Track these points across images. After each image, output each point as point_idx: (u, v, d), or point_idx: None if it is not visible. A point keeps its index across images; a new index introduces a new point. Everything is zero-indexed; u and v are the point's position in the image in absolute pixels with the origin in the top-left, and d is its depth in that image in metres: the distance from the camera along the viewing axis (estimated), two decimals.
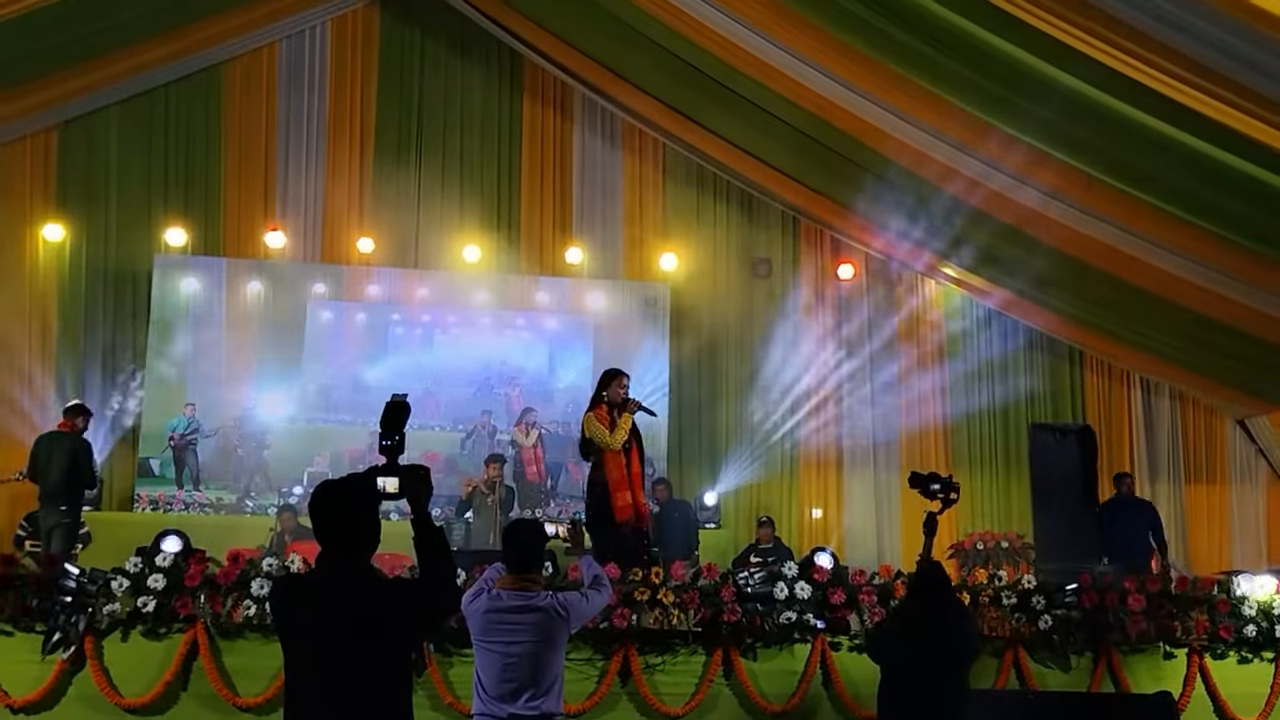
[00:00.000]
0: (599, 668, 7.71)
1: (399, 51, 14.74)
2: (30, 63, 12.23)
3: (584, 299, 15.00)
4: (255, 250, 14.25)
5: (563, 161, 15.01)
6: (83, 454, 10.58)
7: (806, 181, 13.84)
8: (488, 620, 5.08)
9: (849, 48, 10.32)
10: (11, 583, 7.03)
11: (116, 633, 7.20)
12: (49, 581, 7.05)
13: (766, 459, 14.81)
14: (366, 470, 3.99)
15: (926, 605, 5.86)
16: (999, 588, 8.17)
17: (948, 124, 10.76)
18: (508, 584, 5.18)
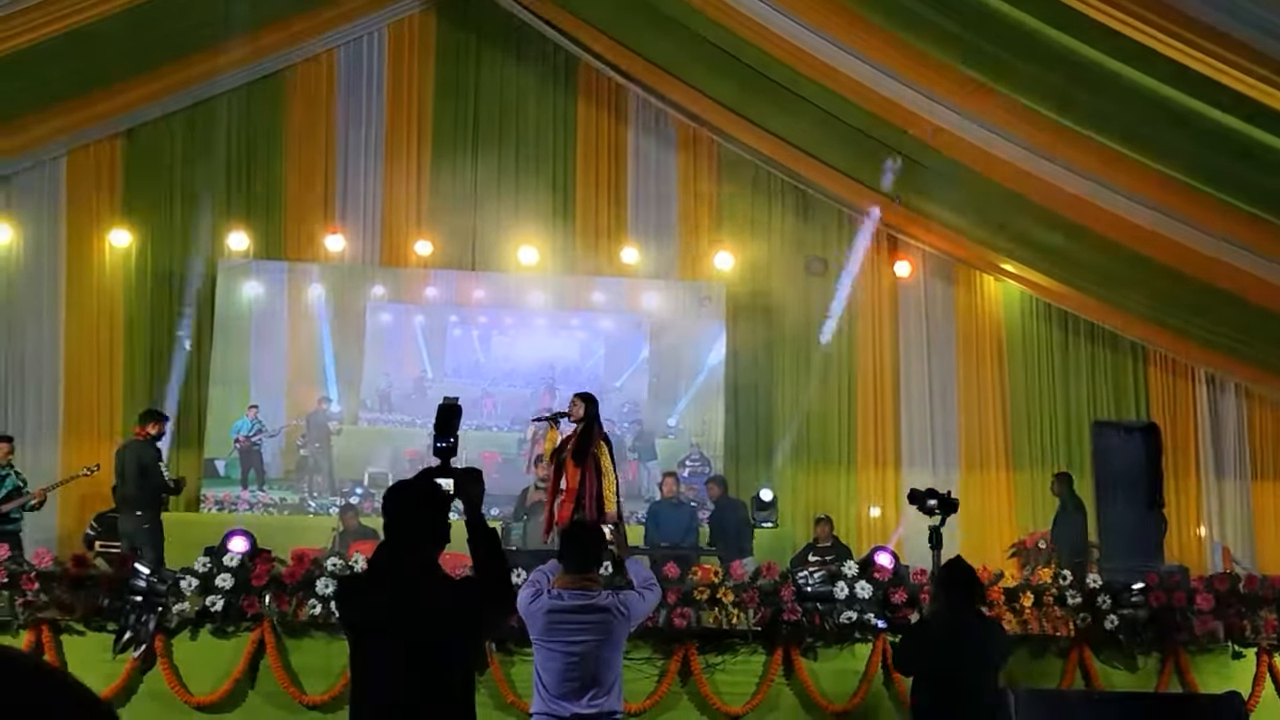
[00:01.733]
0: (659, 667, 7.75)
1: (455, 56, 14.85)
2: (96, 72, 12.47)
3: (639, 299, 15.03)
4: (316, 254, 14.42)
5: (617, 162, 15.06)
6: (150, 460, 10.71)
7: (863, 179, 13.76)
8: (549, 620, 5.11)
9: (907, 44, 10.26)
10: (83, 583, 7.18)
11: (186, 631, 7.33)
12: (120, 581, 7.18)
13: (823, 457, 14.78)
14: (420, 472, 4.04)
15: (957, 600, 5.80)
16: (1063, 587, 8.11)
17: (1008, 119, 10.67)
18: (567, 584, 5.21)
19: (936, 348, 14.94)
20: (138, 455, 10.55)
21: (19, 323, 13.80)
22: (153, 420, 10.89)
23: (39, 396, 13.75)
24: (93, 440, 13.60)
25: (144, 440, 10.65)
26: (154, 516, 10.57)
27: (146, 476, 10.48)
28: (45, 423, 13.62)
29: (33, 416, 13.58)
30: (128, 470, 10.57)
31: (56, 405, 13.78)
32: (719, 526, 12.04)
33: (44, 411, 13.72)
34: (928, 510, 6.17)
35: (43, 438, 13.35)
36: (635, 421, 14.72)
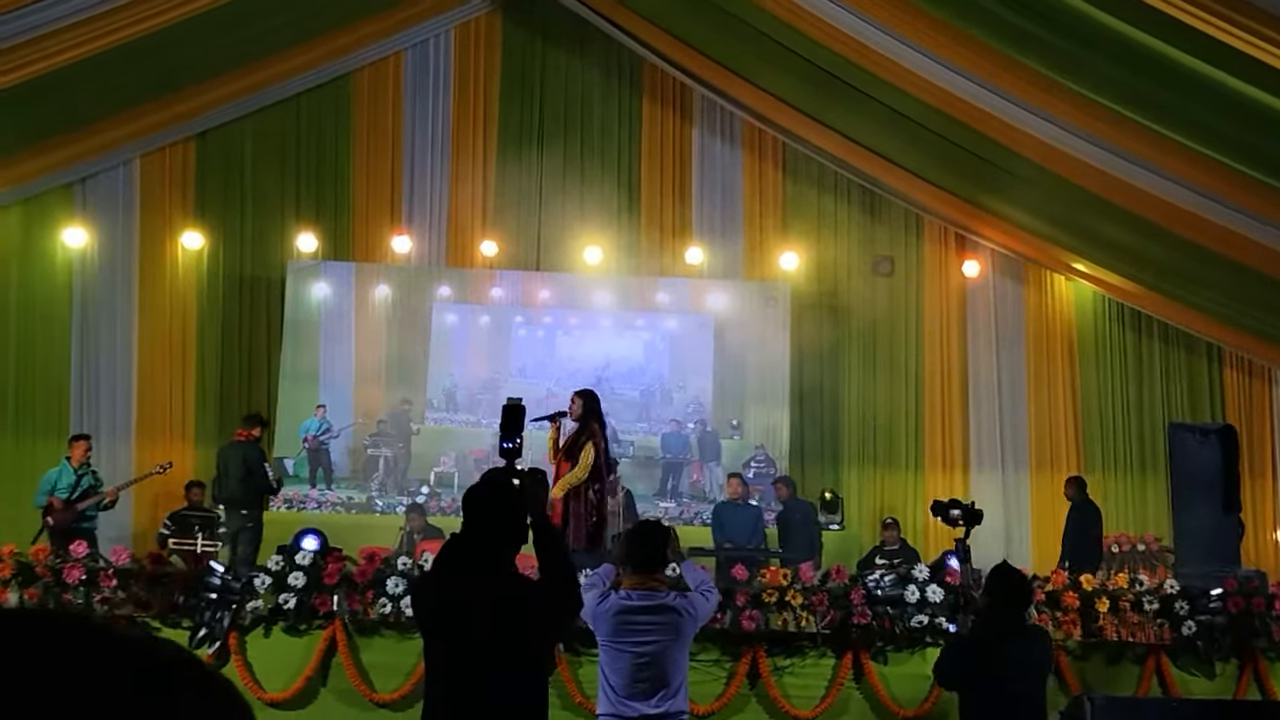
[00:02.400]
0: (727, 669, 7.73)
1: (520, 57, 14.90)
2: (169, 76, 12.64)
3: (704, 299, 15.00)
4: (383, 255, 14.54)
5: (682, 162, 15.04)
6: (255, 461, 11.10)
7: (931, 178, 13.64)
8: (618, 621, 5.11)
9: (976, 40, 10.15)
10: (160, 580, 7.27)
11: (259, 629, 7.41)
12: (195, 579, 7.27)
13: (890, 459, 14.66)
14: (485, 473, 4.05)
15: (1005, 606, 5.66)
16: (1140, 592, 7.98)
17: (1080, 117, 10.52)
18: (634, 584, 5.21)
19: (1006, 348, 14.76)
20: (243, 456, 10.96)
21: (93, 324, 14.04)
22: (256, 423, 11.42)
23: (113, 396, 13.98)
24: (165, 440, 13.81)
25: (248, 441, 11.08)
26: (256, 515, 10.91)
27: (251, 476, 10.87)
28: (119, 422, 13.84)
29: (106, 416, 13.81)
30: (231, 470, 10.97)
31: (130, 405, 14.00)
32: (787, 528, 11.98)
33: (117, 411, 13.94)
34: (951, 522, 6.06)
35: (116, 437, 13.57)
36: (700, 422, 14.69)
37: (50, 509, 10.89)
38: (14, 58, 10.95)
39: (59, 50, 11.11)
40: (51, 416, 13.77)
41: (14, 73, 11.14)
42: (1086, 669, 8.07)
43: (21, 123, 12.20)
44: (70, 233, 13.86)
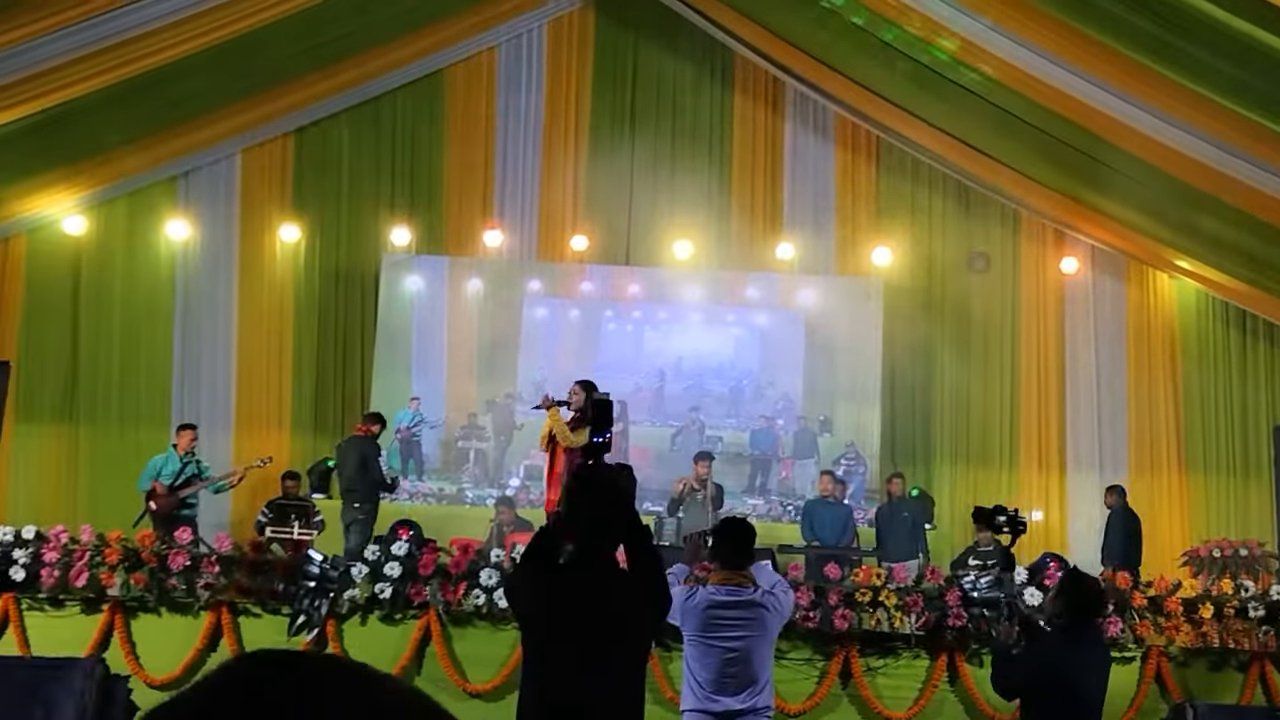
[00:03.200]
0: (819, 668, 7.68)
1: (613, 51, 14.93)
2: (269, 72, 12.88)
3: (795, 294, 14.91)
4: (475, 249, 14.66)
5: (773, 156, 14.95)
6: (371, 456, 11.36)
7: (1028, 172, 13.42)
8: (707, 617, 5.11)
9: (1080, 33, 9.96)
10: (261, 567, 7.41)
11: (356, 617, 7.51)
12: (295, 567, 7.39)
13: (984, 458, 14.45)
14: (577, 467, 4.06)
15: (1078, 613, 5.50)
16: (1245, 598, 7.79)
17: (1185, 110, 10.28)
18: (721, 580, 5.22)
19: (1105, 346, 14.47)
20: (359, 450, 11.23)
21: (195, 315, 14.34)
22: (375, 420, 11.68)
23: (213, 386, 14.28)
24: (262, 430, 14.06)
25: (366, 437, 11.35)
26: (370, 509, 11.14)
27: (366, 470, 11.10)
28: (218, 412, 14.12)
29: (207, 406, 14.09)
30: (348, 463, 11.24)
31: (229, 395, 14.28)
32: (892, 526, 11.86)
33: (217, 401, 14.23)
34: (996, 529, 5.86)
35: (216, 427, 13.84)
36: (790, 419, 14.61)
37: (153, 494, 11.16)
38: (120, 54, 11.21)
39: (163, 47, 11.36)
40: (154, 405, 14.10)
41: (120, 69, 11.41)
42: (1189, 676, 7.90)
43: (128, 118, 12.50)
44: (173, 225, 14.18)
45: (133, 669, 7.18)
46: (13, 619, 7.45)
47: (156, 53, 11.40)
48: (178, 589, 7.40)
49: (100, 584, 7.42)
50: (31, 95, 11.33)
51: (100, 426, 14.09)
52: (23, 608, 7.51)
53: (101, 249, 14.25)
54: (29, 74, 10.99)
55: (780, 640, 7.55)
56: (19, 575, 7.44)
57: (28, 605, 7.53)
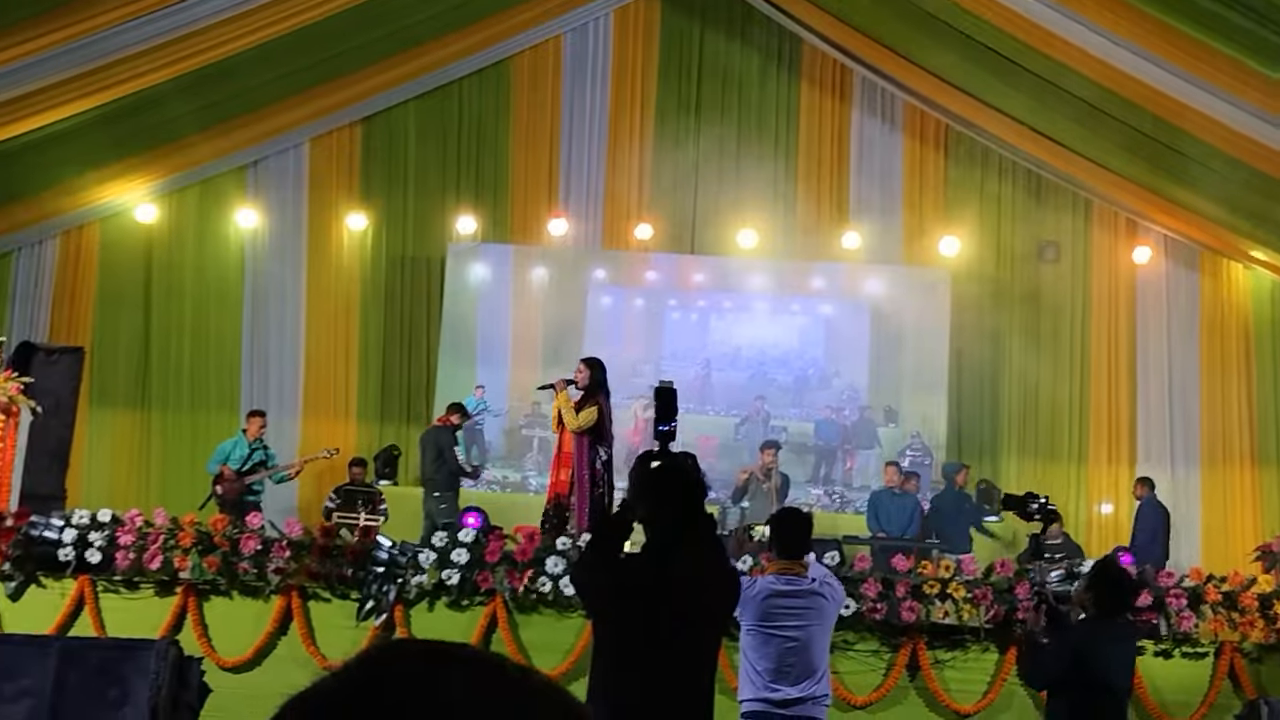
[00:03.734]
0: (886, 660, 7.63)
1: (679, 39, 14.88)
2: (337, 62, 12.98)
3: (861, 284, 14.80)
4: (540, 237, 14.69)
5: (840, 144, 14.84)
6: (447, 446, 11.59)
7: (1101, 160, 13.21)
8: (766, 606, 5.10)
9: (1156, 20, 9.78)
10: (330, 552, 7.48)
11: (423, 603, 7.56)
12: (363, 552, 7.46)
13: (1052, 451, 14.27)
14: (640, 455, 4.05)
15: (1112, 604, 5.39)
16: None
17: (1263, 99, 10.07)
18: (779, 569, 5.23)
19: (1177, 338, 14.21)
20: (436, 440, 11.45)
21: (263, 302, 14.51)
22: (455, 411, 11.89)
23: (281, 373, 14.44)
24: (329, 417, 14.21)
25: (445, 427, 11.47)
26: (450, 497, 11.32)
27: (443, 461, 11.27)
28: (286, 398, 14.29)
29: (275, 392, 14.26)
30: (427, 454, 11.54)
31: (296, 382, 14.44)
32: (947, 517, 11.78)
33: (285, 388, 14.39)
34: (1028, 517, 5.79)
35: (284, 413, 13.99)
36: (855, 409, 14.51)
37: (220, 478, 11.32)
38: (191, 44, 11.35)
39: (234, 37, 11.49)
40: (223, 391, 14.30)
41: (191, 59, 11.56)
42: (1263, 672, 7.76)
43: (198, 108, 12.66)
44: (243, 214, 14.36)
45: (205, 651, 7.29)
46: (89, 601, 7.58)
47: (227, 42, 11.54)
48: (249, 573, 7.50)
49: (174, 567, 7.53)
50: (105, 85, 11.51)
51: (171, 412, 14.33)
52: (98, 590, 7.64)
53: (172, 237, 14.46)
54: (103, 64, 11.16)
55: (847, 632, 7.54)
56: (95, 558, 7.57)
57: (103, 587, 7.66)
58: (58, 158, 12.59)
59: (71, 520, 7.72)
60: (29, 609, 7.64)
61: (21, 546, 7.62)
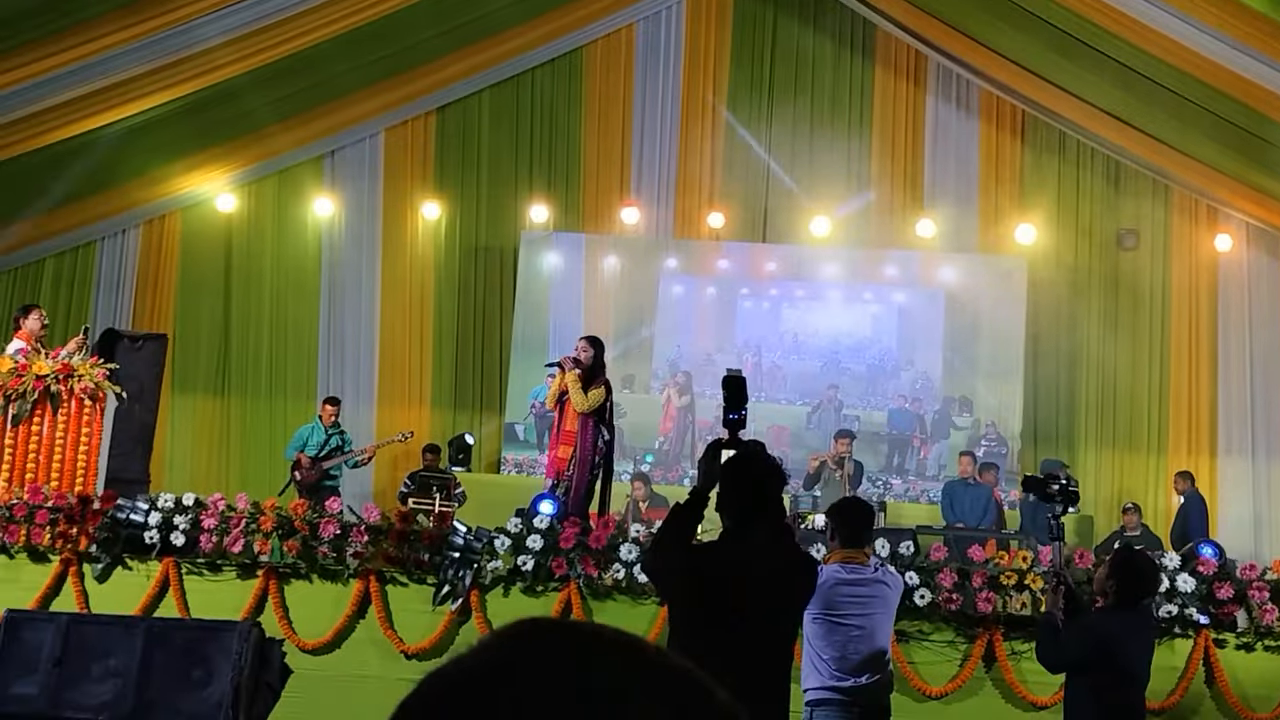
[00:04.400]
0: (962, 651, 7.57)
1: (751, 27, 14.82)
2: (413, 52, 13.12)
3: (935, 272, 14.67)
4: (612, 226, 14.72)
5: (914, 131, 14.70)
6: None
7: (1184, 148, 12.97)
8: (833, 595, 5.10)
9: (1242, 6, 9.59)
10: (407, 537, 7.56)
11: (498, 588, 7.62)
12: (440, 538, 7.53)
13: (1131, 441, 14.05)
14: (710, 443, 4.06)
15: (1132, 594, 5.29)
16: None
17: None
18: (843, 558, 5.25)
19: (1260, 327, 13.91)
20: None
21: (339, 290, 14.69)
22: None
23: (357, 360, 14.62)
24: (403, 404, 14.37)
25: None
26: None
27: None
28: (362, 386, 14.46)
29: (350, 379, 14.45)
30: None
31: (372, 369, 14.61)
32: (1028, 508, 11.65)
33: (360, 375, 14.57)
34: (1048, 498, 5.64)
35: (359, 400, 14.18)
36: (929, 398, 14.40)
37: (298, 464, 11.50)
38: (270, 36, 11.53)
39: (311, 29, 11.65)
40: (301, 378, 14.51)
41: (270, 50, 11.73)
42: None
43: (277, 99, 12.86)
44: (319, 203, 14.55)
45: (285, 633, 7.40)
46: (173, 582, 7.73)
47: (304, 34, 11.70)
48: (328, 556, 7.61)
49: (255, 550, 7.66)
50: (187, 77, 11.72)
51: (249, 398, 14.57)
52: (182, 572, 7.79)
53: (251, 226, 14.70)
54: (184, 56, 11.37)
55: (922, 622, 7.51)
56: (179, 540, 7.72)
57: (187, 569, 7.80)
58: (141, 148, 12.85)
59: (157, 504, 7.87)
60: (115, 590, 7.81)
61: (108, 529, 7.79)
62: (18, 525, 7.88)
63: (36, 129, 11.61)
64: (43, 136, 11.76)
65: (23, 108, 11.19)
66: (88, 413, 8.66)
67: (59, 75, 10.88)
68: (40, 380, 8.56)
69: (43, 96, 11.13)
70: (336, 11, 11.61)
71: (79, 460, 8.59)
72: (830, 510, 5.89)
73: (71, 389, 8.60)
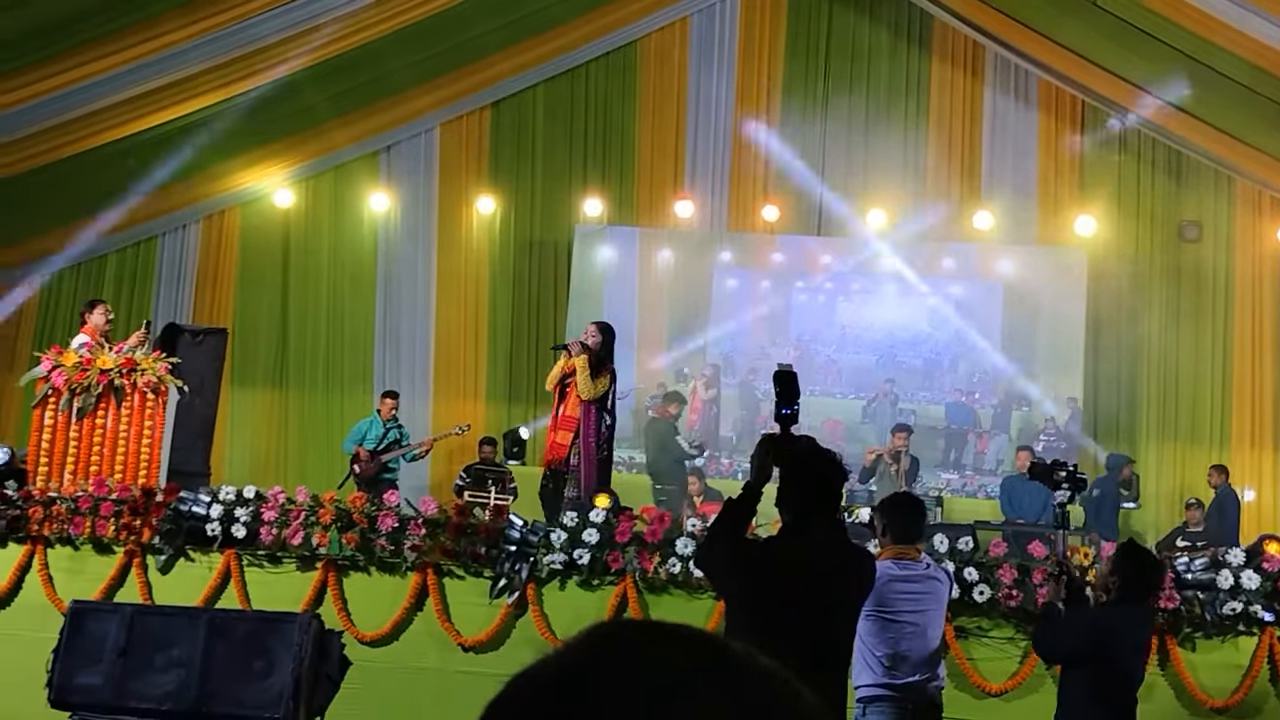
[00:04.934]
0: (1022, 648, 7.49)
1: (807, 19, 14.74)
2: (468, 48, 13.18)
3: (993, 264, 14.53)
4: (665, 219, 14.71)
5: (972, 123, 14.56)
6: (669, 437, 12.07)
7: (1245, 138, 12.76)
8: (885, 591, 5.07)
9: None
10: (464, 531, 7.60)
11: (555, 582, 7.63)
12: (496, 531, 7.56)
13: (1193, 436, 13.85)
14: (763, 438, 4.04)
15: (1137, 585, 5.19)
16: None
17: None
18: (894, 554, 5.22)
19: None
20: (656, 432, 11.92)
21: (396, 285, 14.80)
22: (674, 401, 12.29)
23: (412, 354, 14.72)
24: (459, 397, 14.45)
25: (663, 419, 11.64)
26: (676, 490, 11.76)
27: (665, 451, 11.56)
28: (418, 379, 14.56)
29: (406, 372, 14.54)
30: (650, 446, 12.17)
31: (428, 362, 14.71)
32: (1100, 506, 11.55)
33: (416, 368, 14.67)
34: (1054, 485, 5.50)
35: (416, 393, 14.27)
36: (986, 392, 14.26)
37: (357, 458, 11.60)
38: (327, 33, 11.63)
39: (368, 25, 11.73)
40: (357, 371, 14.63)
41: (327, 47, 11.83)
42: None
43: (334, 95, 12.96)
44: (376, 198, 14.67)
45: (344, 625, 7.45)
46: (234, 574, 7.81)
47: (361, 31, 11.79)
48: (386, 549, 7.65)
49: (314, 543, 7.72)
50: (245, 74, 11.84)
51: (307, 392, 14.71)
52: (243, 563, 7.87)
53: (309, 221, 14.83)
54: (243, 53, 11.50)
55: (982, 618, 7.43)
56: (240, 533, 7.80)
57: (248, 561, 7.88)
58: (200, 145, 12.98)
59: (218, 496, 7.96)
60: (178, 581, 7.90)
61: (171, 521, 7.88)
62: (83, 517, 7.99)
63: (98, 126, 11.78)
64: (105, 134, 11.94)
65: (85, 105, 11.36)
66: (150, 406, 8.77)
67: (120, 73, 11.04)
68: (104, 374, 8.67)
69: (105, 94, 11.30)
70: (393, 8, 11.69)
71: (142, 453, 8.69)
72: (880, 505, 5.84)
73: (135, 383, 8.71)
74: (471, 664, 7.53)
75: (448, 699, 7.53)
